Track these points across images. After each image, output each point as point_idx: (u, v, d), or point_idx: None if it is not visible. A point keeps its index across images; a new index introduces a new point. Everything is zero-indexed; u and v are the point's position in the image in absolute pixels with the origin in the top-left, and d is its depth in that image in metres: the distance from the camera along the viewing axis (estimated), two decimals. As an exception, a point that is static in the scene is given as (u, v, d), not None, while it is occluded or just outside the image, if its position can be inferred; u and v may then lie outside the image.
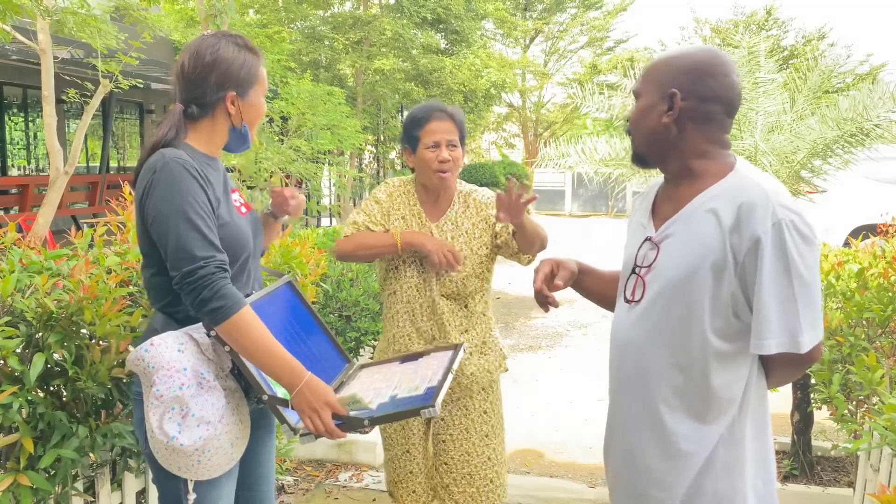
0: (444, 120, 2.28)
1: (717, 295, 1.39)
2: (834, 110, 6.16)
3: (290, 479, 3.52)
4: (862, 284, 2.82)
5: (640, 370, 1.51)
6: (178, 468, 1.54)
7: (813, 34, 22.60)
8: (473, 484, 2.38)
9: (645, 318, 1.50)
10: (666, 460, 1.47)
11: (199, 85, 1.66)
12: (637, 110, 1.54)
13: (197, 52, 1.67)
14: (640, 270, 1.52)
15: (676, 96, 1.43)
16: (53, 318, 1.83)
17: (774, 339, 1.34)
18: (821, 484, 3.37)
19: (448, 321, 2.32)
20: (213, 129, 1.71)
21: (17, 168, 12.56)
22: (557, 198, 23.03)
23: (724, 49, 6.90)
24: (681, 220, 1.45)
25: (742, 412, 1.43)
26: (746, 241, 1.34)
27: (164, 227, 1.53)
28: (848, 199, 7.80)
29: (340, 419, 1.57)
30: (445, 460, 2.40)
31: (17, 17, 4.83)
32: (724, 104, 1.45)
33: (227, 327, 1.51)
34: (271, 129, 7.15)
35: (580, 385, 5.27)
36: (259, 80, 1.73)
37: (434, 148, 2.26)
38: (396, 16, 15.02)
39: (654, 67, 1.51)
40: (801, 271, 1.33)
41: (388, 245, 2.26)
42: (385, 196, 2.38)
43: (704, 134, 1.46)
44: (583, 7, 24.57)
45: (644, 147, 1.54)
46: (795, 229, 1.33)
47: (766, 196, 1.35)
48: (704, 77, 1.43)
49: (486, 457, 2.39)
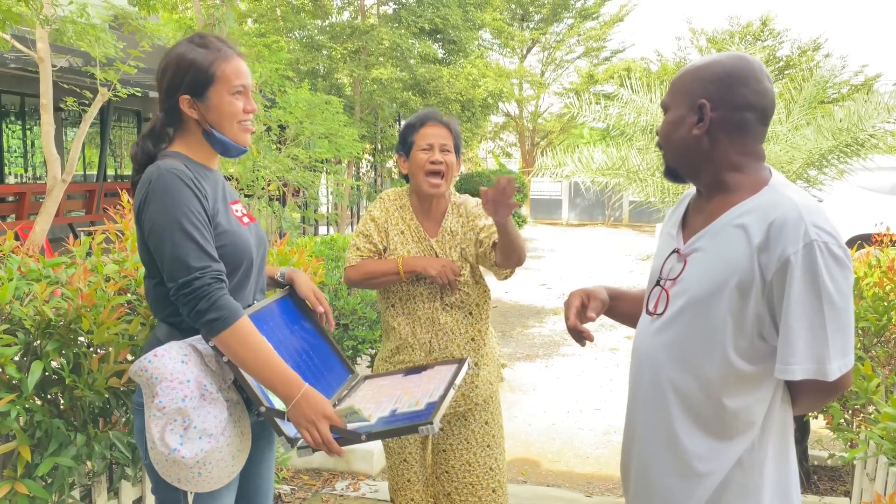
0: (439, 126, 2.32)
1: (741, 315, 1.33)
2: (829, 121, 6.20)
3: (287, 488, 3.51)
4: (857, 294, 2.83)
5: (658, 385, 1.46)
6: (177, 480, 1.53)
7: (808, 45, 22.75)
8: (476, 493, 2.39)
9: (666, 331, 1.45)
10: (680, 479, 1.42)
11: (161, 91, 1.65)
12: (666, 123, 1.47)
13: (161, 61, 1.66)
14: (664, 283, 1.47)
15: (706, 107, 1.38)
16: (51, 325, 1.83)
17: (800, 365, 1.28)
18: (817, 493, 3.37)
19: (451, 331, 2.33)
20: (189, 137, 1.67)
21: (15, 176, 12.55)
22: (554, 207, 23.08)
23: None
24: (710, 235, 1.40)
25: (764, 436, 1.38)
26: (775, 261, 1.28)
27: (160, 238, 1.52)
28: (843, 209, 7.83)
29: (338, 432, 1.56)
30: (446, 469, 2.41)
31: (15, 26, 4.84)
32: (758, 112, 1.39)
33: (224, 338, 1.51)
34: (269, 137, 7.15)
35: (577, 394, 5.27)
36: (219, 78, 1.62)
37: (427, 150, 2.29)
38: (394, 26, 15.08)
39: (682, 78, 1.45)
40: (833, 296, 1.26)
41: (392, 273, 2.28)
42: (380, 212, 2.39)
43: (738, 145, 1.40)
44: (579, 17, 24.66)
45: (675, 161, 1.48)
46: (828, 251, 1.27)
47: (798, 214, 1.28)
48: (735, 85, 1.37)
49: (488, 467, 2.40)
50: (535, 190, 22.85)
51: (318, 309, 1.94)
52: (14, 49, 5.55)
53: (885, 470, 2.54)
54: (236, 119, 1.66)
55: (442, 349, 2.33)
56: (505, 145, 29.38)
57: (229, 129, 1.66)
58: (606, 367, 5.97)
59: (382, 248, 2.35)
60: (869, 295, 2.79)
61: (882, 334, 2.71)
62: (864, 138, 6.03)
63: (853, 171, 6.31)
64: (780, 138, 6.45)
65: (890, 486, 2.51)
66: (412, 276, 2.28)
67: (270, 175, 6.59)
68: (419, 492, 2.44)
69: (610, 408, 4.90)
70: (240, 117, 1.66)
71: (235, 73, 1.64)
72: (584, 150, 8.48)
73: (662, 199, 6.75)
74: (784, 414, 1.40)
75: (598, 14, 24.66)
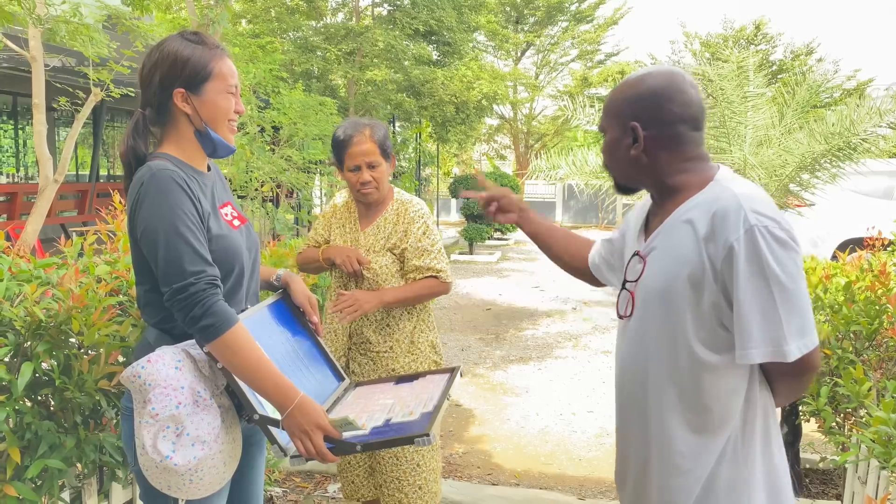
0: (364, 143, 2.42)
1: (697, 305, 1.36)
2: (822, 125, 6.23)
3: (279, 490, 3.49)
4: (849, 297, 2.84)
5: (637, 385, 1.49)
6: (167, 487, 1.51)
7: (801, 49, 22.88)
8: (402, 489, 2.47)
9: (635, 332, 1.49)
10: (667, 478, 1.44)
11: (149, 86, 1.61)
12: (606, 145, 1.53)
13: (149, 54, 1.62)
14: (629, 285, 1.52)
15: (638, 128, 1.43)
16: (42, 327, 1.82)
17: (757, 348, 1.31)
18: (809, 496, 3.38)
19: (366, 319, 2.46)
20: (179, 136, 1.64)
21: (6, 176, 12.49)
22: (548, 209, 23.11)
23: (713, 63, 6.96)
24: (663, 233, 1.45)
25: (746, 430, 1.39)
26: (721, 250, 1.32)
27: (154, 241, 1.50)
28: (835, 213, 7.87)
29: (332, 442, 1.55)
30: (378, 460, 2.50)
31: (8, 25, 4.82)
32: (689, 122, 1.43)
33: (219, 345, 1.48)
34: (263, 138, 7.14)
35: (570, 397, 5.27)
36: (216, 75, 1.62)
37: (355, 171, 2.45)
38: (389, 27, 15.09)
39: (612, 101, 1.50)
40: (780, 277, 1.29)
41: (317, 260, 2.56)
42: (330, 208, 2.67)
43: (677, 156, 1.45)
44: (574, 20, 24.74)
45: (622, 178, 1.55)
46: (770, 234, 1.29)
47: (738, 202, 1.32)
48: (662, 102, 1.42)
49: (414, 463, 2.47)
50: (529, 192, 22.91)
51: (313, 319, 1.96)
52: (6, 48, 5.52)
53: (877, 473, 2.55)
54: (227, 117, 1.66)
55: (357, 336, 2.50)
56: (499, 147, 29.45)
57: (221, 127, 1.65)
58: (599, 370, 5.97)
59: (324, 240, 2.60)
60: (861, 299, 2.80)
61: (873, 338, 2.72)
62: (857, 142, 6.06)
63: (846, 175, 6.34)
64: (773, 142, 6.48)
65: (881, 489, 2.52)
66: (330, 263, 2.51)
67: (264, 176, 6.57)
68: (359, 475, 2.58)
69: (603, 410, 4.90)
70: (230, 116, 1.67)
71: (230, 72, 1.65)
72: (578, 153, 8.51)
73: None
74: (765, 407, 1.42)
75: (592, 17, 24.75)
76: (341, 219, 2.60)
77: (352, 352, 2.52)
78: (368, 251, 2.48)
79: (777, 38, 23.41)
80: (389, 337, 2.48)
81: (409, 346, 2.50)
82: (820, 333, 2.72)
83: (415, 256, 2.45)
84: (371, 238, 2.50)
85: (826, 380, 2.72)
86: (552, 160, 8.61)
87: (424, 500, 2.48)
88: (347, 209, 2.61)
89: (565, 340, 7.12)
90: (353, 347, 2.52)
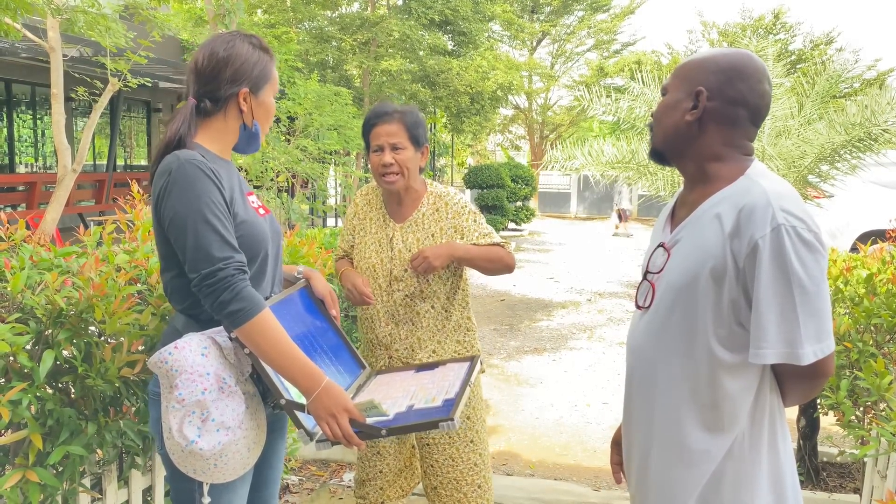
0: (391, 122, 2.26)
1: (718, 302, 1.35)
2: (842, 115, 6.16)
3: (295, 478, 3.52)
4: (870, 290, 2.81)
5: (649, 377, 1.49)
6: (193, 471, 1.54)
7: (821, 38, 22.56)
8: (461, 489, 2.39)
9: (652, 324, 1.48)
10: (673, 471, 1.44)
11: (213, 80, 1.66)
12: (662, 105, 1.51)
13: (212, 49, 1.68)
14: (650, 276, 1.51)
15: (703, 94, 1.41)
16: (63, 315, 1.83)
17: (772, 349, 1.29)
18: (826, 490, 3.35)
19: (419, 324, 2.32)
20: (224, 128, 1.70)
21: (25, 165, 12.61)
22: (563, 200, 23.04)
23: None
24: (690, 225, 1.43)
25: (754, 426, 1.39)
26: (745, 246, 1.30)
27: (182, 229, 1.53)
28: (856, 205, 7.77)
29: (358, 426, 1.56)
30: (431, 463, 2.41)
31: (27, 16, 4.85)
32: (751, 110, 1.42)
33: (247, 330, 1.51)
34: (278, 128, 7.16)
35: (585, 388, 5.26)
36: (271, 80, 1.74)
37: (378, 152, 2.27)
38: (404, 17, 15.04)
39: (686, 65, 1.48)
40: (802, 279, 1.26)
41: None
42: (361, 198, 2.47)
43: (725, 137, 1.43)
44: (590, 10, 24.54)
45: (662, 143, 1.51)
46: (797, 235, 1.27)
47: (767, 199, 1.30)
48: (734, 79, 1.40)
49: (472, 462, 2.39)
50: (544, 183, 22.80)
51: (333, 311, 1.99)
52: (25, 38, 5.56)
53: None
54: (271, 118, 1.79)
55: (405, 339, 2.33)
56: (514, 138, 29.35)
57: (265, 126, 1.77)
58: (614, 361, 5.96)
59: (349, 246, 2.45)
60: (882, 291, 2.76)
61: (895, 331, 2.69)
62: (877, 133, 5.99)
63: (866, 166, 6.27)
64: (792, 133, 6.41)
65: (901, 483, 2.50)
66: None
67: (279, 166, 6.59)
68: (389, 481, 2.46)
69: (618, 402, 4.89)
70: (272, 117, 1.80)
71: (277, 79, 1.78)
72: (593, 144, 8.46)
73: (672, 192, 6.72)
74: (773, 405, 1.41)
75: (609, 6, 24.52)
76: (364, 218, 2.41)
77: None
78: (405, 249, 2.31)
79: (796, 27, 23.13)
80: (439, 334, 2.37)
81: (459, 350, 2.40)
82: (840, 326, 2.69)
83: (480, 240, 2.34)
84: (409, 235, 2.32)
85: (846, 373, 2.70)
86: (567, 151, 8.56)
87: (484, 499, 2.42)
88: (369, 204, 2.42)
89: (580, 331, 7.10)
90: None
